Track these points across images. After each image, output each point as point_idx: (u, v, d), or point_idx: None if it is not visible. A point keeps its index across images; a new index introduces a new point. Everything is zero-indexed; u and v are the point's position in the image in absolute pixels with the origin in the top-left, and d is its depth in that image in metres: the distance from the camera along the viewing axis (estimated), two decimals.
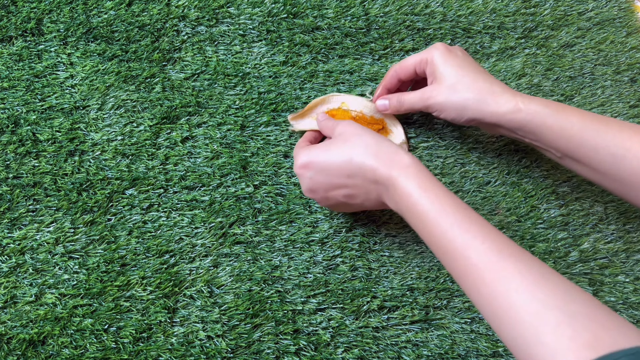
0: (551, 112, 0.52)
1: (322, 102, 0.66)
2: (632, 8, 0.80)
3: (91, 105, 0.67)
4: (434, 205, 0.46)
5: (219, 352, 0.56)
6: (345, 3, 0.75)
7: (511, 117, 0.54)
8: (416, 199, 0.47)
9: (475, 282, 0.42)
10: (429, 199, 0.47)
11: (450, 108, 0.56)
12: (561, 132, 0.52)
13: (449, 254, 0.44)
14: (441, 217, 0.45)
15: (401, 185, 0.49)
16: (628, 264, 0.64)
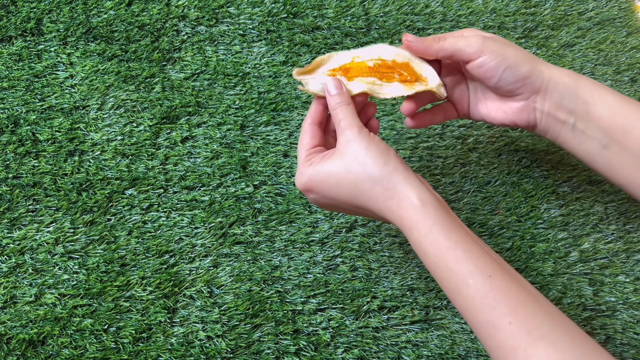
0: (610, 90, 0.47)
1: (329, 59, 0.53)
2: (632, 8, 0.80)
3: (91, 105, 0.66)
4: (460, 265, 0.42)
5: (218, 352, 0.56)
6: (345, 3, 0.75)
7: (566, 81, 0.48)
8: (439, 252, 0.43)
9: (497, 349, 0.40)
10: (454, 257, 0.42)
11: (505, 58, 0.47)
12: (619, 108, 0.46)
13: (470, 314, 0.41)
14: (472, 292, 0.41)
15: (415, 231, 0.44)
16: (628, 264, 0.64)
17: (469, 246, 0.42)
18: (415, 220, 0.44)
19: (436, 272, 0.43)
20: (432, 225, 0.43)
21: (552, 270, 0.63)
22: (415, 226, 0.44)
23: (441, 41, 0.49)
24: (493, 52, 0.47)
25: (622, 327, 0.61)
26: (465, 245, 0.42)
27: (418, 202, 0.44)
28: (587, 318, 0.61)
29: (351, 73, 0.51)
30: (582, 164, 0.69)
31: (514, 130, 0.70)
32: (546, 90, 0.49)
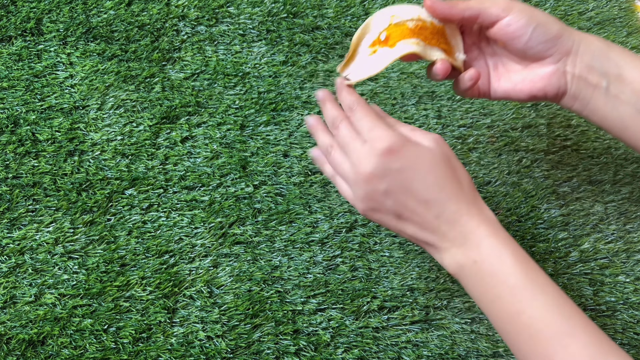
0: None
1: (366, 30, 0.48)
2: (632, 8, 0.80)
3: (91, 105, 0.66)
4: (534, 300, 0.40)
5: (218, 352, 0.56)
6: (345, 3, 0.75)
7: (597, 44, 0.45)
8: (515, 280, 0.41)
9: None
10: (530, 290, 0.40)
11: (534, 16, 0.44)
12: None
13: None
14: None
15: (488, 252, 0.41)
16: (628, 264, 0.64)
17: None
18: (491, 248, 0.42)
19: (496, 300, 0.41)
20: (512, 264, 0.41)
21: (552, 270, 0.63)
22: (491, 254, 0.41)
23: (466, 1, 0.46)
24: (521, 10, 0.44)
25: (622, 327, 0.61)
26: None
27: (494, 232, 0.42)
28: None
29: (392, 39, 0.46)
30: (582, 164, 0.69)
31: (514, 130, 0.70)
32: (577, 52, 0.46)
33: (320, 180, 0.66)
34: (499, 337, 0.60)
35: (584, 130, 0.71)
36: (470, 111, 0.71)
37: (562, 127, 0.71)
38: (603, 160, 0.70)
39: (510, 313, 0.40)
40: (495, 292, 0.40)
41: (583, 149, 0.70)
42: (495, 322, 0.41)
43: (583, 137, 0.71)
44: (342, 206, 0.64)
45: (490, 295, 0.41)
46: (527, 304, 0.39)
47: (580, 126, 0.72)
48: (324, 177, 0.66)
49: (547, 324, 0.39)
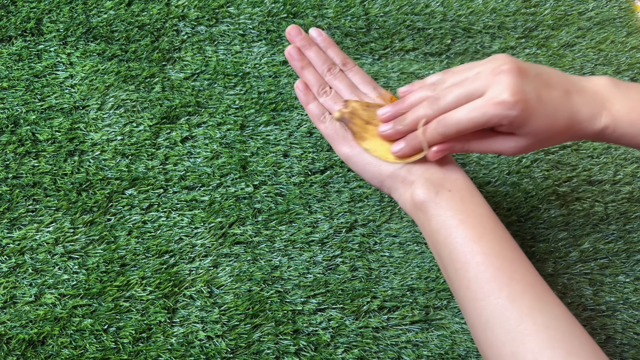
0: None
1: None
2: (632, 8, 0.80)
3: (91, 105, 0.66)
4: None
5: (218, 352, 0.56)
6: (345, 3, 0.75)
7: (603, 138, 0.45)
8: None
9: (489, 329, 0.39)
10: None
11: (541, 115, 0.41)
12: None
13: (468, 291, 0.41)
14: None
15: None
16: (628, 264, 0.64)
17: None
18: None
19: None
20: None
21: (552, 270, 0.63)
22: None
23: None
24: (530, 146, 0.44)
25: (622, 327, 0.61)
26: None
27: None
28: (587, 318, 0.61)
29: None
30: (582, 164, 0.69)
31: None
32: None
33: (320, 180, 0.66)
34: None
35: None
36: None
37: None
38: (602, 160, 0.70)
39: (469, 238, 0.42)
40: (461, 217, 0.42)
41: (583, 149, 0.70)
42: (448, 250, 0.43)
43: None
44: (342, 206, 0.65)
45: (455, 220, 0.42)
46: (487, 232, 0.42)
47: None
48: (324, 177, 0.66)
49: (500, 256, 0.41)
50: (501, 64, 0.41)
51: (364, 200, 0.65)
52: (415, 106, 0.45)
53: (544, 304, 0.38)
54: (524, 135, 0.42)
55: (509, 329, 0.38)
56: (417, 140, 0.44)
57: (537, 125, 0.41)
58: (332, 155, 0.67)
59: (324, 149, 0.67)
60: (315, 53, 0.51)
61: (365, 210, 0.65)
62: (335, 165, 0.66)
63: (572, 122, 0.43)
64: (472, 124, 0.41)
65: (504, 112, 0.40)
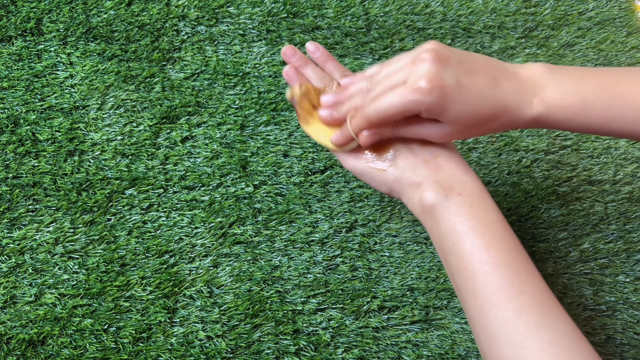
0: (582, 104, 0.43)
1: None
2: (632, 8, 0.80)
3: (91, 105, 0.66)
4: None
5: (218, 352, 0.56)
6: (345, 3, 0.75)
7: (539, 125, 0.45)
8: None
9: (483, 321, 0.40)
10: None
11: (461, 102, 0.41)
12: (609, 115, 0.43)
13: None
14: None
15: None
16: (628, 264, 0.64)
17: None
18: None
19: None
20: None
21: (552, 270, 0.63)
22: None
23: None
24: (455, 133, 0.44)
25: (622, 327, 0.61)
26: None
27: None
28: (587, 318, 0.61)
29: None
30: (582, 164, 0.69)
31: (514, 130, 0.70)
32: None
33: (320, 180, 0.66)
34: None
35: None
36: None
37: None
38: (603, 160, 0.70)
39: (478, 247, 0.41)
40: (471, 224, 0.42)
41: (583, 149, 0.70)
42: (456, 257, 0.42)
43: (583, 137, 0.71)
44: (342, 206, 0.65)
45: (464, 227, 0.42)
46: (497, 241, 0.41)
47: None
48: (324, 177, 0.66)
49: (509, 266, 0.41)
50: (421, 52, 0.41)
51: (364, 200, 0.65)
52: (351, 97, 0.46)
53: (551, 319, 0.38)
54: (447, 122, 0.43)
55: (515, 343, 0.38)
56: (347, 130, 0.45)
57: (457, 112, 0.41)
58: (332, 155, 0.67)
59: (324, 149, 0.67)
60: (312, 70, 0.51)
61: (365, 210, 0.65)
62: (335, 165, 0.66)
63: (500, 110, 0.43)
64: (392, 110, 0.42)
65: (420, 98, 0.40)
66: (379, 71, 0.45)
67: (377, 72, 0.46)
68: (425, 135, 0.45)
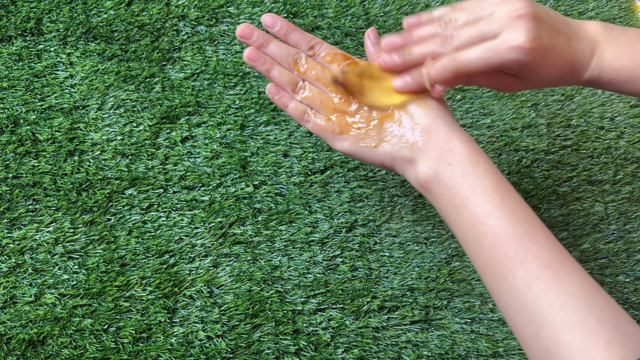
0: (635, 66, 0.42)
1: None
2: (632, 8, 0.80)
3: (91, 105, 0.66)
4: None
5: (218, 352, 0.56)
6: (345, 3, 0.75)
7: (592, 84, 0.44)
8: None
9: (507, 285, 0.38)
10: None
11: (549, 62, 0.41)
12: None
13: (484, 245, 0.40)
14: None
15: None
16: (628, 264, 0.64)
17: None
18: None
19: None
20: None
21: None
22: None
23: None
24: (527, 87, 0.44)
25: None
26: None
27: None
28: None
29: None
30: (582, 164, 0.69)
31: (514, 130, 0.70)
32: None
33: (320, 180, 0.66)
34: (499, 336, 0.60)
35: (584, 130, 0.71)
36: (470, 111, 0.71)
37: (562, 127, 0.71)
38: (603, 160, 0.70)
39: (478, 215, 0.40)
40: (466, 194, 0.41)
41: (583, 149, 0.70)
42: (461, 230, 0.41)
43: (583, 137, 0.71)
44: (342, 206, 0.64)
45: (460, 198, 0.41)
46: (495, 206, 0.40)
47: (580, 126, 0.72)
48: (324, 177, 0.66)
49: (513, 224, 0.39)
50: (519, 7, 0.40)
51: (364, 200, 0.65)
52: (424, 41, 0.43)
53: (560, 282, 0.37)
54: (527, 79, 0.42)
55: (528, 312, 0.37)
56: (421, 76, 0.43)
57: (543, 71, 0.41)
58: (332, 155, 0.67)
59: (324, 149, 0.67)
60: (277, 47, 0.47)
61: (365, 210, 0.65)
62: (335, 165, 0.66)
63: (570, 69, 0.42)
64: (484, 64, 0.40)
65: (519, 56, 0.39)
66: (451, 15, 0.43)
67: (448, 16, 0.43)
68: (499, 87, 0.44)
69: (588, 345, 0.34)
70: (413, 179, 0.44)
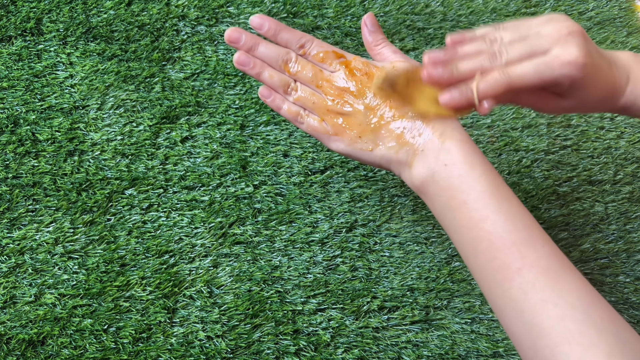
0: None
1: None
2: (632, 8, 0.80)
3: (91, 105, 0.66)
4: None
5: (218, 352, 0.56)
6: (345, 3, 0.75)
7: (626, 111, 0.45)
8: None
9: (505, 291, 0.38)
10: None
11: (596, 81, 0.41)
12: None
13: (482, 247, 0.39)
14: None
15: None
16: (629, 264, 0.64)
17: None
18: None
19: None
20: None
21: None
22: None
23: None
24: (570, 109, 0.44)
25: None
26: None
27: None
28: None
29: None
30: (582, 164, 0.69)
31: (514, 130, 0.70)
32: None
33: (320, 180, 0.66)
34: (499, 336, 0.60)
35: (584, 130, 0.71)
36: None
37: (562, 127, 0.71)
38: (603, 160, 0.70)
39: (474, 220, 0.40)
40: (462, 197, 0.40)
41: (583, 149, 0.70)
42: (457, 233, 0.41)
43: (583, 137, 0.71)
44: (342, 206, 0.64)
45: (456, 201, 0.40)
46: (491, 211, 0.39)
47: (580, 126, 0.72)
48: (324, 177, 0.66)
49: (509, 231, 0.39)
50: (568, 25, 0.40)
51: (364, 200, 0.65)
52: (470, 57, 0.43)
53: (558, 291, 0.36)
54: (573, 97, 0.42)
55: (525, 321, 0.37)
56: (470, 91, 0.42)
57: (589, 92, 0.41)
58: (332, 155, 0.67)
59: (324, 149, 0.67)
60: (266, 48, 0.47)
61: (365, 210, 0.65)
62: (335, 165, 0.66)
63: (611, 93, 0.43)
64: (537, 79, 0.40)
65: (572, 72, 0.39)
66: (496, 34, 0.43)
67: (492, 34, 0.43)
68: (542, 106, 0.44)
69: (587, 357, 0.34)
70: (409, 180, 0.44)
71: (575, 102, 0.43)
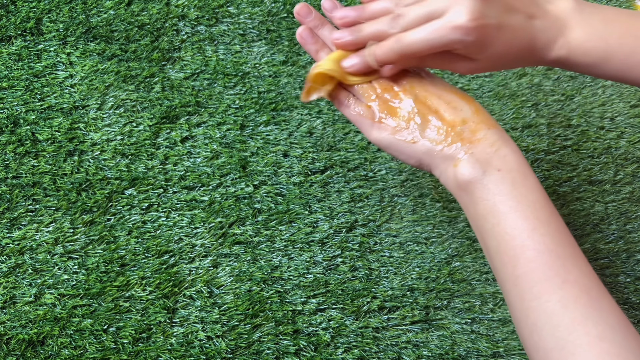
0: (604, 49, 0.41)
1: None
2: (632, 8, 0.80)
3: (90, 105, 0.66)
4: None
5: (218, 352, 0.56)
6: (345, 3, 0.75)
7: (559, 65, 0.44)
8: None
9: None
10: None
11: (499, 41, 0.40)
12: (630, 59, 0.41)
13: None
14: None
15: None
16: (629, 264, 0.64)
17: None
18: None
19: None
20: None
21: None
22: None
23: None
24: (483, 68, 0.42)
25: None
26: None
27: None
28: None
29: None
30: (582, 164, 0.69)
31: (514, 130, 0.70)
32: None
33: (320, 180, 0.66)
34: (499, 337, 0.60)
35: (584, 130, 0.71)
36: None
37: (562, 127, 0.71)
38: (603, 160, 0.70)
39: (521, 229, 0.38)
40: (512, 204, 0.38)
41: (583, 149, 0.70)
42: (496, 240, 0.39)
43: (583, 137, 0.71)
44: (342, 206, 0.64)
45: (505, 206, 0.39)
46: (541, 223, 0.38)
47: (580, 126, 0.72)
48: (324, 177, 0.66)
49: (557, 244, 0.37)
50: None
51: (364, 200, 0.65)
52: (376, 17, 0.42)
53: (599, 311, 0.35)
54: (480, 59, 0.41)
55: (559, 336, 0.35)
56: (370, 57, 0.42)
57: (493, 51, 0.40)
58: (332, 155, 0.67)
59: (324, 149, 0.67)
60: (329, 32, 0.47)
61: (365, 210, 0.65)
62: (335, 165, 0.66)
63: (529, 49, 0.41)
64: (428, 46, 0.39)
65: (461, 37, 0.38)
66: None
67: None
68: (452, 68, 0.43)
69: None
70: (450, 177, 0.41)
71: (486, 63, 0.41)
